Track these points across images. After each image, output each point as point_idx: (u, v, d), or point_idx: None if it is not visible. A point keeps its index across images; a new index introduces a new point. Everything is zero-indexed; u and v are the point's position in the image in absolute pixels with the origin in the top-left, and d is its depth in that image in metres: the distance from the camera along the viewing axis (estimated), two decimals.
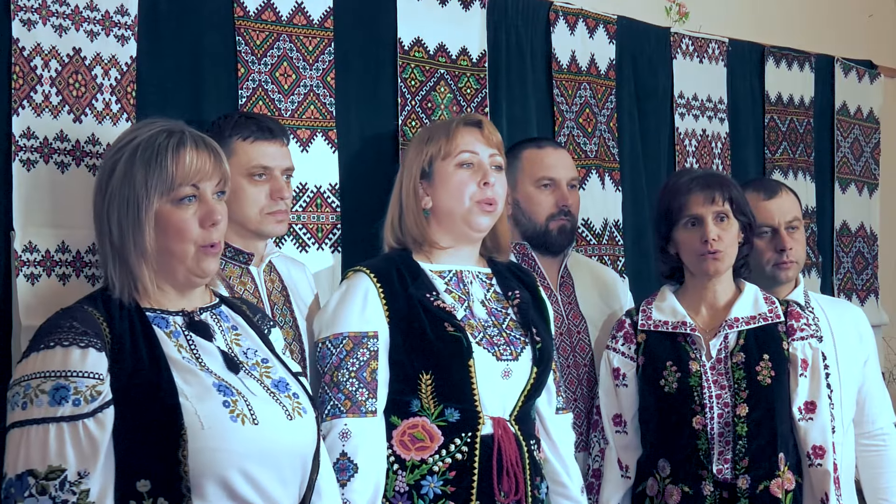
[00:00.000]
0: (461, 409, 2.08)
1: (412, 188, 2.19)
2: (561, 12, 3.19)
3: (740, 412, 2.33)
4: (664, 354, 2.42)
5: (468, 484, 2.06)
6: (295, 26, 2.59)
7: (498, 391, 2.12)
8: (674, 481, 2.35)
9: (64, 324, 1.64)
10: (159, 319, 1.73)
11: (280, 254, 2.39)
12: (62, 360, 1.60)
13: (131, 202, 1.70)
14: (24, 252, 2.08)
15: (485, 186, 2.17)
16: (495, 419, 2.11)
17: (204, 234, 1.74)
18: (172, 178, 1.71)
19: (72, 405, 1.57)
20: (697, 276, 2.46)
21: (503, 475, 2.08)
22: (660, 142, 3.49)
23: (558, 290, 2.67)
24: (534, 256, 2.66)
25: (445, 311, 2.11)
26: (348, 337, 2.09)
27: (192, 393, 1.64)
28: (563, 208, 2.64)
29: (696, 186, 2.43)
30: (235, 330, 1.85)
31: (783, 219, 2.67)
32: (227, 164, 1.81)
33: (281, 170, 2.27)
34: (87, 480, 1.56)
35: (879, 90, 4.26)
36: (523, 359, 2.16)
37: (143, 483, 1.59)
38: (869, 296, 4.11)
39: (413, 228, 2.19)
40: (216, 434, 1.62)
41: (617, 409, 2.48)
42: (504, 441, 2.10)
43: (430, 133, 2.23)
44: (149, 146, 1.72)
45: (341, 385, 2.07)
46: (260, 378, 1.77)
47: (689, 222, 2.43)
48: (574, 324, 2.66)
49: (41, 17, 2.13)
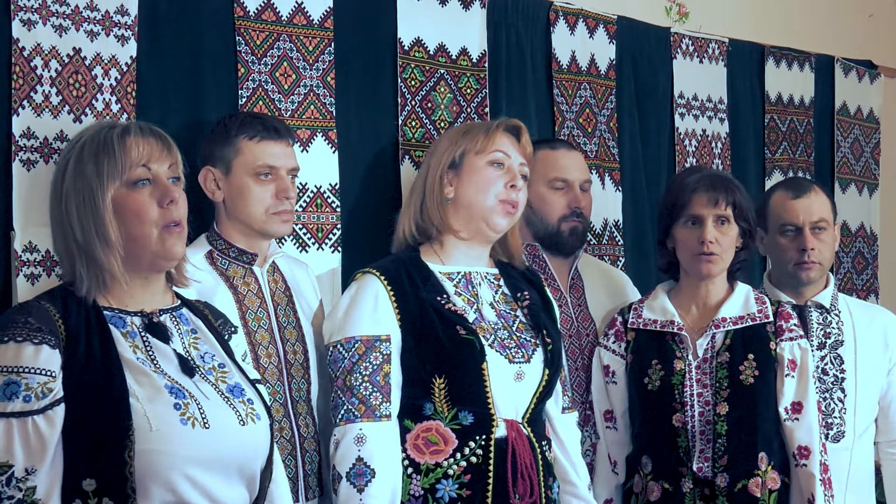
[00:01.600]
0: (475, 412, 2.08)
1: (438, 176, 2.20)
2: (561, 12, 3.19)
3: (720, 411, 2.35)
4: (651, 353, 2.44)
5: (483, 487, 2.06)
6: (295, 26, 2.59)
7: (511, 393, 2.12)
8: (655, 478, 2.39)
9: (19, 319, 1.63)
10: (116, 319, 1.72)
11: (283, 254, 2.39)
12: (14, 356, 1.59)
13: (86, 195, 1.69)
14: (24, 252, 2.08)
15: (511, 189, 2.18)
16: (508, 422, 2.11)
17: (164, 213, 1.72)
18: (122, 162, 1.70)
19: (22, 401, 1.57)
20: (691, 276, 2.48)
21: (518, 478, 2.08)
22: (660, 142, 3.49)
23: (568, 292, 2.67)
24: (544, 258, 2.66)
25: (457, 314, 2.11)
26: (360, 341, 2.08)
27: (143, 394, 1.63)
28: (576, 209, 2.64)
29: (702, 187, 2.43)
30: (195, 333, 1.83)
31: (808, 218, 2.65)
32: (177, 151, 1.79)
33: (286, 169, 2.27)
34: (33, 477, 1.56)
35: (879, 90, 4.26)
36: (535, 361, 2.16)
37: (89, 482, 1.59)
38: (869, 296, 4.11)
39: (434, 215, 2.20)
40: (164, 436, 1.61)
41: (608, 406, 2.51)
42: (518, 443, 2.10)
43: (468, 128, 2.25)
44: (95, 140, 1.72)
45: (355, 389, 2.06)
46: (215, 383, 1.76)
47: (689, 221, 2.44)
48: (583, 326, 2.66)
49: (41, 17, 2.13)
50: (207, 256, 2.23)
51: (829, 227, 2.69)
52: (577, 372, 2.61)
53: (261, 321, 2.22)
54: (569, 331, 2.61)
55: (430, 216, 2.21)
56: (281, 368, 2.22)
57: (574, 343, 2.62)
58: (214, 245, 2.25)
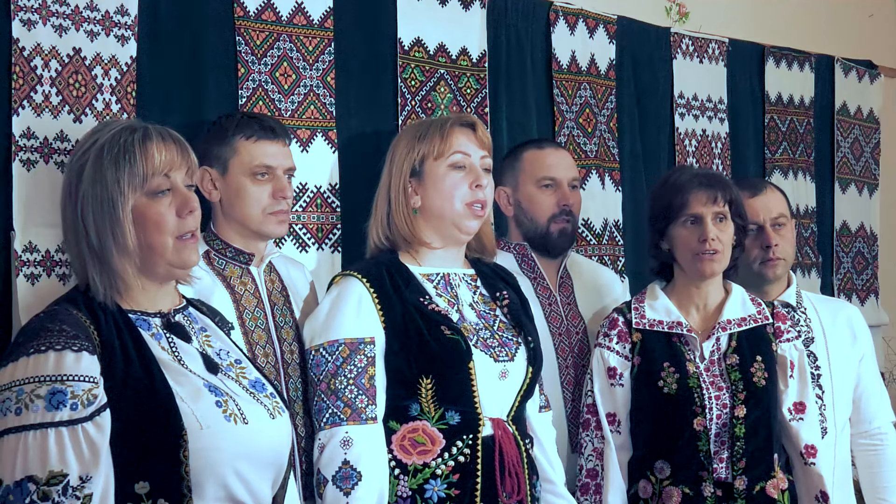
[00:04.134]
0: (461, 411, 2.08)
1: (401, 186, 2.18)
2: (561, 12, 3.19)
3: (738, 413, 2.33)
4: (661, 355, 2.41)
5: (472, 486, 2.05)
6: (295, 26, 2.59)
7: (496, 392, 2.12)
8: (674, 483, 2.35)
9: (52, 328, 1.62)
10: (141, 321, 1.73)
11: (280, 254, 2.39)
12: (56, 365, 1.58)
13: (105, 202, 1.69)
14: (24, 252, 2.08)
15: (476, 189, 2.17)
16: (494, 420, 2.11)
17: (181, 223, 1.73)
18: (144, 171, 1.70)
19: (69, 409, 1.56)
20: (690, 276, 2.45)
21: (505, 476, 2.08)
22: (660, 142, 3.49)
23: (557, 291, 2.67)
24: (533, 257, 2.66)
25: (441, 314, 2.11)
26: (344, 344, 2.08)
27: (185, 394, 1.65)
28: (565, 208, 2.64)
29: (700, 185, 2.42)
30: (205, 331, 1.84)
31: (768, 215, 2.67)
32: (193, 155, 1.80)
33: (283, 169, 2.27)
34: (89, 485, 1.55)
35: (879, 90, 4.26)
36: (518, 359, 2.17)
37: (143, 485, 1.59)
38: (869, 296, 4.12)
39: (403, 227, 2.18)
40: (213, 434, 1.63)
41: (612, 409, 2.46)
42: (504, 442, 2.10)
43: (421, 130, 2.21)
44: (114, 145, 1.71)
45: (340, 392, 2.05)
46: (237, 378, 1.77)
47: (688, 220, 2.42)
48: (573, 324, 2.66)
49: (41, 17, 2.13)
50: (204, 256, 2.23)
51: (788, 223, 2.71)
52: (568, 370, 2.61)
53: (258, 321, 2.22)
54: (558, 329, 2.61)
55: (398, 228, 2.19)
56: (278, 368, 2.22)
57: (564, 341, 2.62)
58: (211, 245, 2.25)
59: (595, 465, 2.45)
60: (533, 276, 2.65)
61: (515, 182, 2.66)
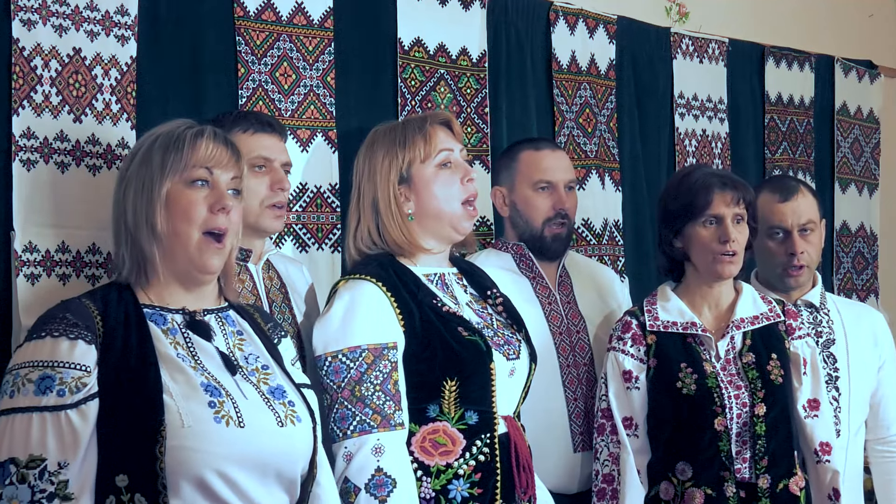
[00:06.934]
0: (479, 410, 2.07)
1: (391, 195, 2.13)
2: (561, 12, 3.19)
3: (758, 412, 2.32)
4: (677, 356, 2.39)
5: (493, 484, 2.05)
6: (295, 26, 2.59)
7: (507, 390, 2.12)
8: (696, 484, 2.32)
9: (58, 314, 1.66)
10: (157, 316, 1.73)
11: (278, 252, 2.39)
12: (50, 351, 1.61)
13: (146, 182, 1.73)
14: (24, 252, 2.08)
15: (468, 183, 2.16)
16: (506, 418, 2.11)
17: (210, 218, 1.74)
18: (187, 159, 1.73)
19: (56, 395, 1.58)
20: (705, 277, 2.43)
21: (521, 472, 2.09)
22: (660, 142, 3.49)
23: (557, 290, 2.67)
24: (531, 257, 2.66)
25: (456, 315, 2.10)
26: (367, 350, 2.02)
27: (177, 391, 1.64)
28: (561, 211, 2.63)
29: (724, 186, 2.39)
30: (240, 335, 1.84)
31: (797, 221, 2.63)
32: (245, 166, 1.83)
33: (280, 163, 2.28)
34: (65, 471, 1.56)
35: (879, 90, 4.26)
36: (522, 356, 2.17)
37: (122, 478, 1.59)
38: (869, 296, 4.12)
39: (398, 235, 2.13)
40: (196, 433, 1.61)
41: (628, 412, 2.42)
42: (517, 438, 2.11)
43: (401, 137, 2.16)
44: (170, 135, 1.76)
45: (367, 399, 2.00)
46: (256, 383, 1.76)
47: (709, 220, 2.39)
48: (573, 323, 2.66)
49: (41, 17, 2.13)
50: None
51: (817, 228, 2.68)
52: (569, 369, 2.60)
53: None
54: (559, 328, 2.61)
55: (393, 237, 2.14)
56: None
57: (565, 340, 2.61)
58: None
59: (611, 469, 2.42)
60: (532, 275, 2.65)
61: (511, 183, 2.65)
